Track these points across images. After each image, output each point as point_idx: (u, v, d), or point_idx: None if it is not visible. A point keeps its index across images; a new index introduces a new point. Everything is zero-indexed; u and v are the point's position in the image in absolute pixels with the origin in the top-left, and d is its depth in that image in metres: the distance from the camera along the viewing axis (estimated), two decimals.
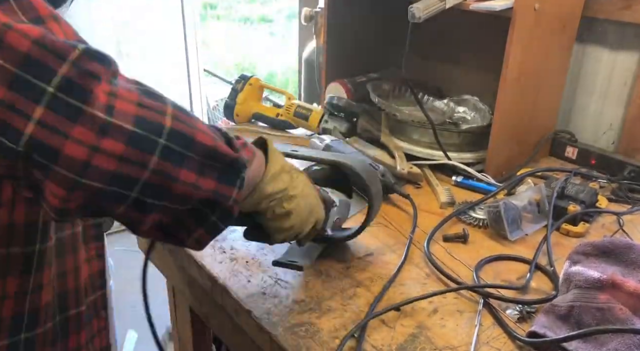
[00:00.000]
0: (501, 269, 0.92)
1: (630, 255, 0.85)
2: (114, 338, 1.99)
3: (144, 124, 0.52)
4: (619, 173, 1.21)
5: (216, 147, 0.58)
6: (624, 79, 1.30)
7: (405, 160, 1.21)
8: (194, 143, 0.56)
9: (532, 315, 0.80)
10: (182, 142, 0.55)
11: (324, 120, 1.38)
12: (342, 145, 1.25)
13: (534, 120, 1.26)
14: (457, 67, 1.47)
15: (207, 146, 0.57)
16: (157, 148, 0.53)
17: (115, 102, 0.51)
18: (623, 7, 1.23)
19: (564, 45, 1.25)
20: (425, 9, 1.09)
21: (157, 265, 1.17)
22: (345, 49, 1.49)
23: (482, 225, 1.03)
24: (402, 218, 1.06)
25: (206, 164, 0.57)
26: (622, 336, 0.70)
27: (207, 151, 0.57)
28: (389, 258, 0.93)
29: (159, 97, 0.56)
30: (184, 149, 0.55)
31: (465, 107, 1.38)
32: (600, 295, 0.75)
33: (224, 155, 0.59)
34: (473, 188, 1.17)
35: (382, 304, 0.82)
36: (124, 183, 0.53)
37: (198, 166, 0.57)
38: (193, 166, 0.56)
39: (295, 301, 0.82)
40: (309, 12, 1.94)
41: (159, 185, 0.54)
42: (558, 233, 1.02)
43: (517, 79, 1.13)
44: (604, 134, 1.37)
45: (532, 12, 1.08)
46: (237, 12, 6.47)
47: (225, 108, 1.53)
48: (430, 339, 0.75)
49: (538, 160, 1.33)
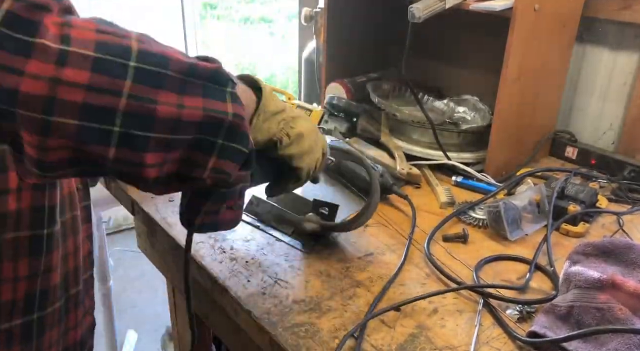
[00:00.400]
0: (501, 269, 0.92)
1: (630, 255, 0.85)
2: (114, 338, 1.99)
3: (107, 48, 0.48)
4: (619, 173, 1.21)
5: (194, 63, 0.53)
6: (624, 79, 1.30)
7: (405, 160, 1.21)
8: (167, 61, 0.51)
9: (532, 315, 0.80)
10: (154, 61, 0.50)
11: (324, 120, 1.37)
12: (342, 145, 1.25)
13: (534, 120, 1.26)
14: (457, 67, 1.47)
15: (183, 62, 0.52)
16: (128, 72, 0.48)
17: (70, 31, 0.47)
18: (623, 7, 1.23)
19: (564, 45, 1.25)
20: (425, 9, 1.09)
21: (157, 265, 1.17)
22: (345, 49, 1.49)
23: (482, 225, 1.03)
24: (401, 219, 1.06)
25: (187, 81, 0.52)
26: (622, 336, 0.70)
27: (184, 67, 0.52)
28: (389, 258, 0.93)
29: (118, 26, 0.51)
30: (158, 68, 0.50)
31: (465, 107, 1.38)
32: (600, 295, 0.75)
33: (203, 68, 0.54)
34: (473, 188, 1.17)
35: (382, 304, 0.82)
36: (101, 116, 0.48)
37: (178, 85, 0.52)
38: (172, 86, 0.51)
39: (295, 301, 0.82)
40: (309, 12, 1.93)
41: (140, 113, 0.49)
42: (558, 233, 1.02)
43: (517, 79, 1.13)
44: (604, 134, 1.37)
45: (532, 12, 1.08)
46: (237, 12, 6.46)
47: None
48: (430, 339, 0.75)
49: (538, 160, 1.33)
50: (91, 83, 0.47)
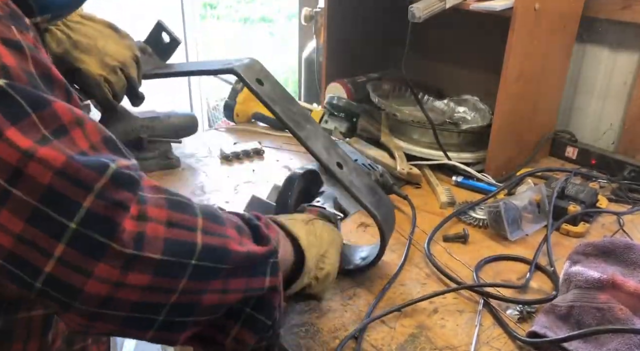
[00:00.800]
0: (501, 269, 0.92)
1: (630, 255, 0.85)
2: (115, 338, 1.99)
3: (174, 248, 0.49)
4: (619, 173, 1.21)
5: (249, 252, 0.55)
6: (624, 79, 1.30)
7: (405, 160, 1.21)
8: (226, 255, 0.53)
9: (532, 315, 0.80)
10: (214, 257, 0.52)
11: (324, 120, 1.37)
12: (342, 146, 1.25)
13: (534, 120, 1.26)
14: (457, 67, 1.47)
15: (241, 254, 0.55)
16: (187, 271, 0.50)
17: (146, 227, 0.48)
18: (623, 7, 1.23)
19: (564, 45, 1.25)
20: (425, 9, 1.09)
21: None
22: (345, 49, 1.49)
23: (482, 225, 1.03)
24: (401, 219, 1.06)
25: (238, 268, 0.55)
26: (622, 336, 0.70)
27: (241, 258, 0.55)
28: (389, 258, 0.93)
29: (187, 206, 0.53)
30: (216, 263, 0.53)
31: (465, 107, 1.38)
32: (600, 295, 0.75)
33: (256, 256, 0.56)
34: (473, 188, 1.17)
35: (382, 304, 0.82)
36: (150, 310, 0.50)
37: (230, 273, 0.54)
38: (224, 275, 0.54)
39: (296, 301, 0.82)
40: (309, 12, 1.93)
41: (186, 303, 0.52)
42: (558, 233, 1.02)
43: (517, 79, 1.13)
44: (604, 134, 1.37)
45: (532, 12, 1.08)
46: (237, 12, 6.46)
47: (225, 108, 1.53)
48: (431, 339, 0.75)
49: (538, 160, 1.32)
50: (150, 284, 0.48)
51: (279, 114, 0.82)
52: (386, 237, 0.84)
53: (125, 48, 1.01)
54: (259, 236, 0.60)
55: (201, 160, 1.29)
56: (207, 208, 0.55)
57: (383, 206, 0.85)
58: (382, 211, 0.83)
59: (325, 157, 0.82)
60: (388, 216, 0.87)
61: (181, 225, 0.51)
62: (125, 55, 1.00)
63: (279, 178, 1.05)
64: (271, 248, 0.59)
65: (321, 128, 0.91)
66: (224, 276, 0.54)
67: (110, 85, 1.00)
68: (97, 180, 0.46)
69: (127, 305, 0.49)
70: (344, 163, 0.84)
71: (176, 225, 0.50)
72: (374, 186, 0.89)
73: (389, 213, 0.88)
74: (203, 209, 0.54)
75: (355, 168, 0.87)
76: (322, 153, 0.82)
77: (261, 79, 0.86)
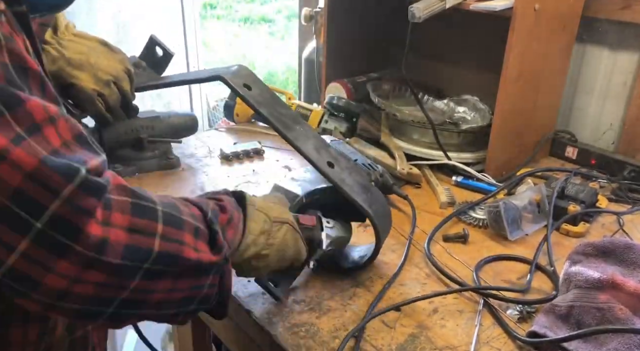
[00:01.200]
0: (501, 269, 0.92)
1: (630, 255, 0.85)
2: (114, 339, 1.99)
3: (132, 254, 0.53)
4: (619, 173, 1.21)
5: (199, 260, 0.59)
6: (623, 79, 1.30)
7: (405, 160, 1.21)
8: (178, 261, 0.57)
9: (532, 315, 0.80)
10: (167, 262, 0.56)
11: (324, 120, 1.37)
12: (342, 146, 1.25)
13: (534, 120, 1.26)
14: (457, 67, 1.47)
15: (191, 260, 0.58)
16: (139, 273, 0.54)
17: (109, 232, 0.51)
18: (623, 7, 1.23)
19: (564, 45, 1.25)
20: (425, 9, 1.09)
21: None
22: (345, 49, 1.49)
23: (482, 225, 1.03)
24: (401, 219, 1.06)
25: (185, 273, 0.58)
26: (622, 336, 0.70)
27: (190, 266, 0.58)
28: (389, 258, 0.93)
29: (149, 210, 0.56)
30: (168, 267, 0.56)
31: (465, 107, 1.38)
32: (600, 295, 0.75)
33: (205, 264, 0.60)
34: (473, 188, 1.17)
35: (382, 304, 0.82)
36: (102, 303, 0.54)
37: (177, 275, 0.58)
38: (172, 276, 0.57)
39: (295, 301, 0.82)
40: (309, 12, 1.93)
41: (135, 299, 0.55)
42: (558, 233, 1.02)
43: (517, 79, 1.13)
44: (604, 134, 1.37)
45: (532, 12, 1.08)
46: (237, 12, 6.46)
47: (225, 108, 1.53)
48: (430, 339, 0.75)
49: (538, 160, 1.32)
50: (105, 282, 0.52)
51: (266, 116, 0.85)
52: (380, 233, 0.85)
53: (117, 62, 1.05)
54: (215, 243, 0.62)
55: (201, 160, 1.29)
56: (169, 209, 0.58)
57: (376, 203, 0.86)
58: (374, 208, 0.84)
59: (315, 156, 0.85)
60: (382, 213, 0.87)
61: (141, 232, 0.54)
62: (118, 69, 1.04)
63: (279, 178, 1.05)
64: (222, 257, 0.62)
65: (312, 129, 0.94)
66: (173, 278, 0.57)
67: (104, 99, 1.04)
68: (65, 187, 0.48)
69: (81, 299, 0.52)
70: (335, 163, 0.86)
71: (137, 232, 0.53)
72: (367, 184, 0.90)
73: (382, 210, 0.88)
74: (165, 211, 0.57)
75: (349, 167, 0.88)
76: (311, 153, 0.85)
77: (249, 83, 0.90)
